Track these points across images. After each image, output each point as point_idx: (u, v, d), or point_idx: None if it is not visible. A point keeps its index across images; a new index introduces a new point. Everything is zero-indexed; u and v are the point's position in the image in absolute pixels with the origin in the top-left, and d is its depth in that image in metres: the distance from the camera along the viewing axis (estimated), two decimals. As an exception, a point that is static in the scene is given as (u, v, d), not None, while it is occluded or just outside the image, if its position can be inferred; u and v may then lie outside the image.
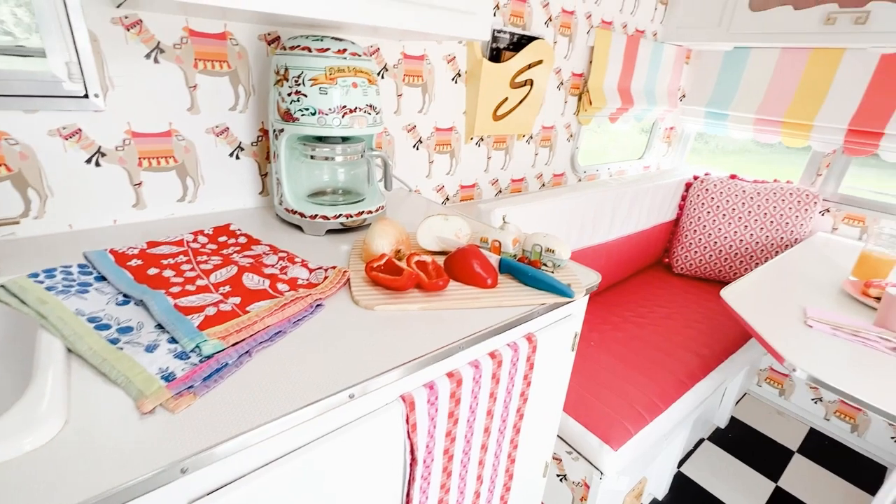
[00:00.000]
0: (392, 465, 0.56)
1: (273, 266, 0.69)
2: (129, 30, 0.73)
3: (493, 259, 0.72)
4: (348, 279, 0.67)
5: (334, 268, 0.68)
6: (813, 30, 1.48)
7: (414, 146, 1.20)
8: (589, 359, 1.28)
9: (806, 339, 0.95)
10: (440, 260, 0.74)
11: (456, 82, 1.21)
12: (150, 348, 0.48)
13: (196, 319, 0.52)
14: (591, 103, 1.57)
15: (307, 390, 0.46)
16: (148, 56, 0.75)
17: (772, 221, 1.70)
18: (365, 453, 0.52)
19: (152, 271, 0.63)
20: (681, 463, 1.56)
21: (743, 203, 1.73)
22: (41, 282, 0.56)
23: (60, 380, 0.42)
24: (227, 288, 0.60)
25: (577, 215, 1.44)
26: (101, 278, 0.61)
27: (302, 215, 0.83)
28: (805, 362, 0.86)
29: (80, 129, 0.73)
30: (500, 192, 1.50)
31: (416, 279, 0.63)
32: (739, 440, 1.69)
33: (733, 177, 1.82)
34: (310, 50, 0.75)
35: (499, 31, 1.23)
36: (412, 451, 0.56)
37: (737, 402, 1.87)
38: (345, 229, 0.87)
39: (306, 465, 0.46)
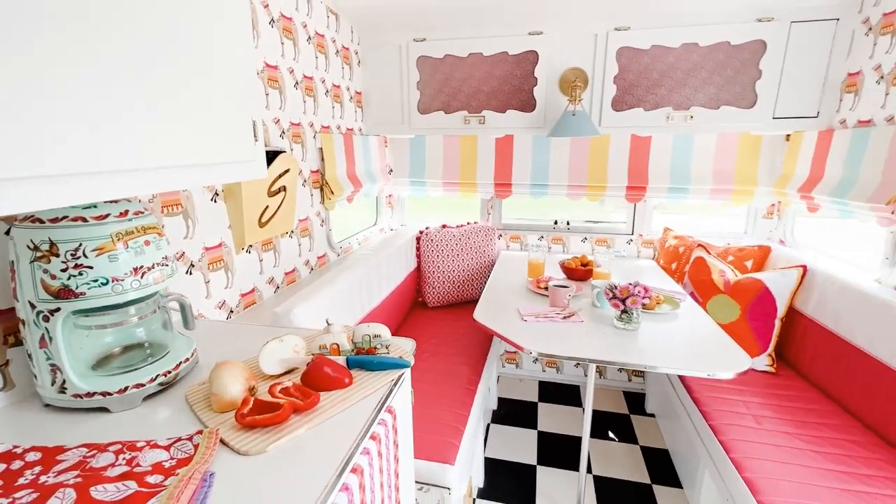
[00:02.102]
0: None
1: (115, 465, 0.61)
2: None
3: (340, 360, 0.86)
4: (220, 437, 0.67)
5: (200, 432, 0.67)
6: (458, 126, 2.22)
7: (187, 272, 1.15)
8: (404, 404, 1.51)
9: (526, 329, 1.47)
10: (287, 380, 0.82)
11: (215, 201, 1.24)
12: None
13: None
14: (332, 192, 1.84)
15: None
16: None
17: (476, 251, 2.39)
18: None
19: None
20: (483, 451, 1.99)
21: (456, 243, 2.36)
22: None
23: None
24: (85, 515, 0.52)
25: (356, 291, 1.66)
26: None
27: (106, 394, 0.73)
28: (533, 345, 1.35)
29: None
30: (278, 287, 1.56)
31: (293, 406, 0.71)
32: (508, 412, 2.28)
33: (444, 226, 2.44)
34: (85, 220, 0.69)
35: (245, 151, 1.32)
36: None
37: (497, 384, 2.50)
38: (161, 389, 0.80)
39: None
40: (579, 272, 1.96)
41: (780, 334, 1.79)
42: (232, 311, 1.33)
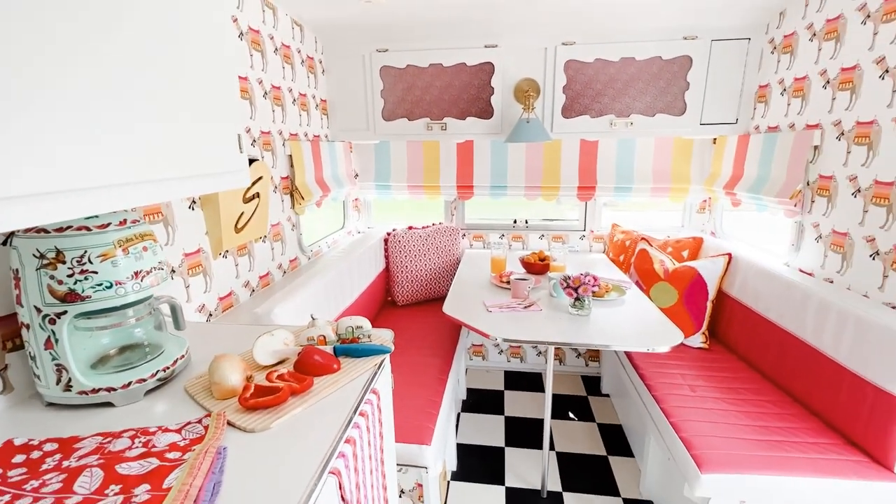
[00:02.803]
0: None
1: (132, 447, 0.68)
2: None
3: (328, 349, 0.95)
4: (227, 419, 0.75)
5: (208, 415, 0.74)
6: (421, 132, 2.33)
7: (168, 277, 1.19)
8: (380, 395, 1.61)
9: (492, 319, 1.61)
10: (281, 368, 0.90)
11: (193, 209, 1.29)
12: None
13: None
14: (302, 198, 1.90)
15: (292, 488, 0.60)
16: None
17: (442, 251, 2.52)
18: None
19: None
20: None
21: (423, 243, 2.48)
22: None
23: None
24: (116, 488, 0.59)
25: (330, 292, 1.74)
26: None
27: (110, 389, 0.79)
28: (498, 332, 1.49)
29: None
30: (253, 290, 1.61)
31: (291, 389, 0.80)
32: (476, 401, 2.41)
33: (410, 227, 2.55)
34: (88, 229, 0.75)
35: (220, 160, 1.38)
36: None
37: (465, 376, 2.63)
38: (160, 385, 0.87)
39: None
40: (537, 266, 2.12)
41: (712, 314, 2.04)
42: (211, 315, 1.38)
